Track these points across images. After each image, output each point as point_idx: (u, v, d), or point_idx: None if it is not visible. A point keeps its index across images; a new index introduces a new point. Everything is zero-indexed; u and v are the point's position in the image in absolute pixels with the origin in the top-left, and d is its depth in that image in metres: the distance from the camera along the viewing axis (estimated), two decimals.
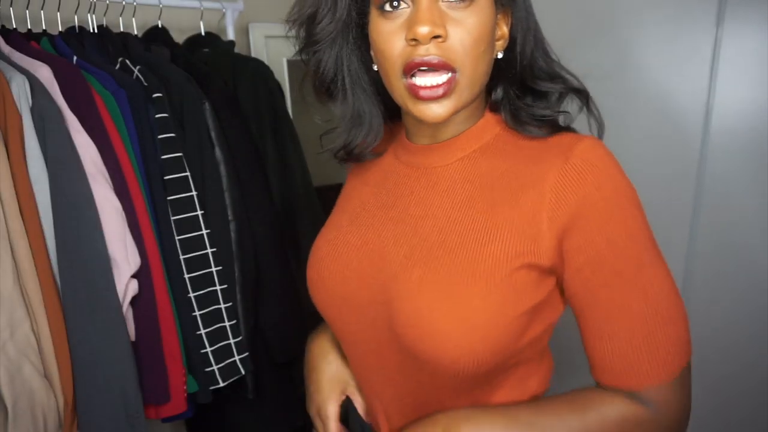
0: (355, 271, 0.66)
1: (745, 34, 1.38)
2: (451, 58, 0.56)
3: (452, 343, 0.56)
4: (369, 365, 0.68)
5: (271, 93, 1.36)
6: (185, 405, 1.12)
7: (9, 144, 0.94)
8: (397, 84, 0.59)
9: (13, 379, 0.90)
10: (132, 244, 1.03)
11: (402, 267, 0.62)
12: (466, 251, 0.59)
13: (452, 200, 0.63)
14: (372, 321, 0.64)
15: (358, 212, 0.72)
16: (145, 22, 1.38)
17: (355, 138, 0.68)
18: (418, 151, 0.68)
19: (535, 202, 0.58)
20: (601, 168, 0.57)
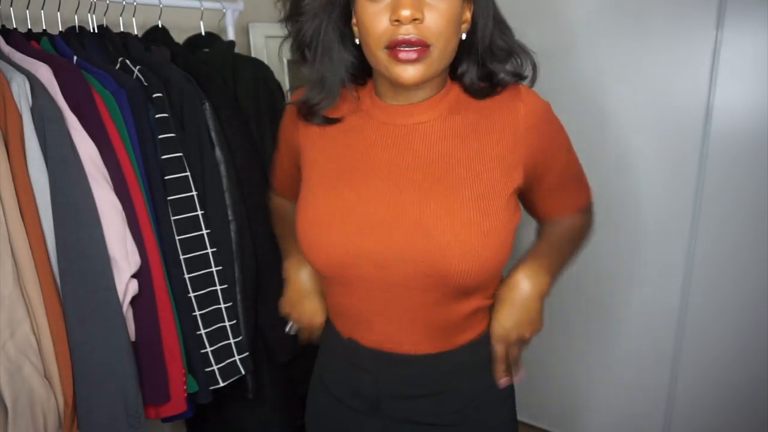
0: (372, 226, 0.75)
1: (745, 35, 1.38)
2: (427, 36, 0.69)
3: (481, 258, 0.72)
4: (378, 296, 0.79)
5: (271, 93, 1.36)
6: (185, 405, 1.12)
7: (9, 144, 0.94)
8: (380, 54, 0.71)
9: (13, 378, 0.90)
10: (132, 244, 1.03)
11: (430, 210, 0.74)
12: (472, 187, 0.75)
13: (443, 149, 0.77)
14: (396, 262, 0.74)
15: (347, 169, 0.80)
16: (145, 22, 1.38)
17: (314, 97, 0.80)
18: (398, 111, 0.80)
19: (514, 140, 0.77)
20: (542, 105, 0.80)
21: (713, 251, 1.54)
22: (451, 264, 0.72)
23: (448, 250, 0.72)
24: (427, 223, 0.73)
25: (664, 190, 1.59)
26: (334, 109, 0.82)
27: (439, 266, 0.73)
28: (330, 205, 0.79)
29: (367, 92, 0.84)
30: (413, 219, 0.74)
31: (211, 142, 1.20)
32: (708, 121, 1.47)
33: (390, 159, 0.78)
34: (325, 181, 0.81)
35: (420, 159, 0.77)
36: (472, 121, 0.79)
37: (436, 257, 0.72)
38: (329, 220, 0.78)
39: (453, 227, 0.73)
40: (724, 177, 1.48)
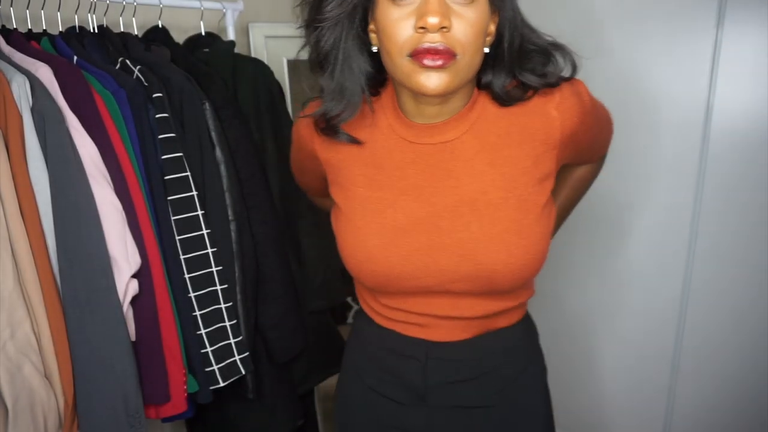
0: (415, 254, 0.77)
1: (745, 34, 1.38)
2: (454, 46, 0.65)
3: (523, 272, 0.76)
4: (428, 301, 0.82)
5: (271, 93, 1.36)
6: (185, 405, 1.12)
7: (9, 144, 0.94)
8: (400, 61, 0.67)
9: (14, 378, 0.90)
10: (132, 243, 1.03)
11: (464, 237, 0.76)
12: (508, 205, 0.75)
13: (475, 167, 0.76)
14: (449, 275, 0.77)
15: (382, 199, 0.80)
16: (145, 22, 1.38)
17: (333, 109, 0.76)
18: (425, 130, 0.77)
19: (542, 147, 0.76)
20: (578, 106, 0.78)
21: (713, 250, 1.54)
22: (496, 281, 0.77)
23: (493, 272, 0.76)
24: (471, 248, 0.76)
25: (663, 190, 1.59)
26: (354, 124, 0.80)
27: (484, 284, 0.77)
28: (371, 235, 0.79)
29: (387, 105, 0.80)
30: (455, 244, 0.76)
31: (211, 142, 1.20)
32: (708, 121, 1.47)
33: (423, 181, 0.78)
34: (365, 211, 0.80)
35: (453, 179, 0.77)
36: (501, 132, 0.77)
37: (482, 277, 0.77)
38: (373, 250, 0.79)
39: (496, 250, 0.75)
40: (724, 176, 1.48)
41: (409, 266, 0.78)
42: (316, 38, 0.74)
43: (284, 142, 1.39)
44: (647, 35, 1.52)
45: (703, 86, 1.46)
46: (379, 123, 0.80)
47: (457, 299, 0.81)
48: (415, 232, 0.77)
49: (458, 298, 0.81)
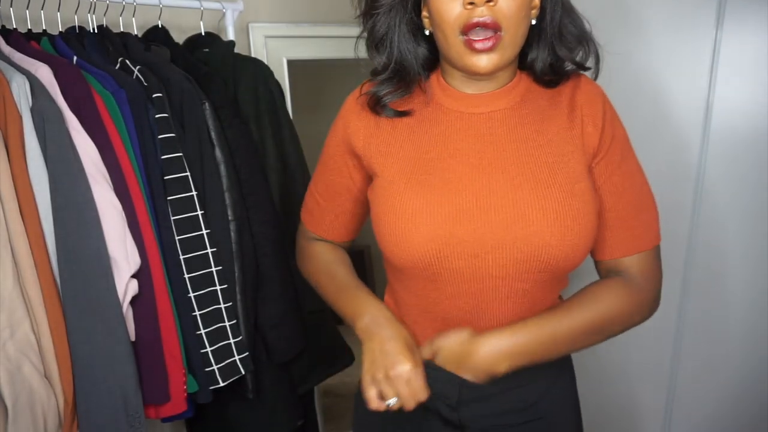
0: (466, 216, 0.75)
1: (745, 34, 1.38)
2: (500, 19, 0.70)
3: (575, 240, 0.74)
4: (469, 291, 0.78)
5: (271, 93, 1.36)
6: (185, 405, 1.12)
7: (9, 144, 0.94)
8: (454, 41, 0.72)
9: (13, 378, 0.90)
10: (132, 244, 1.03)
11: (517, 197, 0.75)
12: (558, 172, 0.76)
13: (522, 135, 0.78)
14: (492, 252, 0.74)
15: (428, 162, 0.79)
16: (145, 22, 1.38)
17: (385, 89, 0.81)
18: (472, 100, 0.80)
19: (582, 122, 0.78)
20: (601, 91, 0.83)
21: (713, 250, 1.54)
22: (551, 247, 0.73)
23: (548, 234, 0.73)
24: (523, 210, 0.74)
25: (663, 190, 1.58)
26: (403, 102, 0.83)
27: (536, 251, 0.73)
28: (417, 194, 0.77)
29: (434, 83, 0.83)
30: (507, 205, 0.74)
31: (211, 142, 1.20)
32: (708, 121, 1.47)
33: (472, 147, 0.78)
34: (405, 173, 0.79)
35: (502, 146, 0.78)
36: (543, 108, 0.80)
37: (534, 242, 0.73)
38: (418, 210, 0.76)
39: (547, 213, 0.73)
40: (724, 176, 1.48)
41: (458, 228, 0.74)
42: (372, 24, 0.79)
43: (284, 142, 1.39)
44: (647, 35, 1.52)
45: (702, 86, 1.46)
46: (429, 100, 0.83)
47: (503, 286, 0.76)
48: (464, 192, 0.76)
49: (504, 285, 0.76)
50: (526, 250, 0.74)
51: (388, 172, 0.81)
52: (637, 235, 0.81)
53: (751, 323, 1.51)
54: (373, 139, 0.84)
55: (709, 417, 1.65)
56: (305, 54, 1.85)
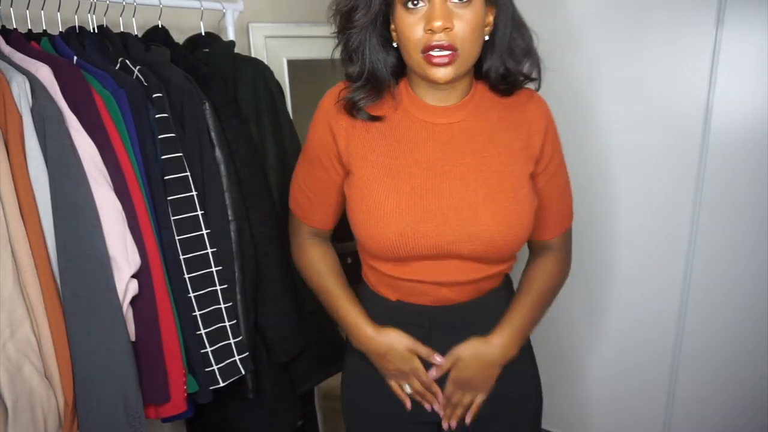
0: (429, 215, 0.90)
1: (745, 35, 1.38)
2: (455, 41, 0.82)
3: (517, 236, 0.91)
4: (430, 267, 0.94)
5: (271, 93, 1.36)
6: (185, 405, 1.12)
7: (9, 144, 0.94)
8: (416, 57, 0.85)
9: (13, 378, 0.90)
10: (132, 244, 1.03)
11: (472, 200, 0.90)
12: (505, 179, 0.91)
13: (477, 145, 0.92)
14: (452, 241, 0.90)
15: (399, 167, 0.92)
16: (145, 22, 1.38)
17: (359, 94, 0.92)
18: (437, 112, 0.93)
19: (529, 136, 0.94)
20: (548, 110, 0.98)
21: (713, 250, 1.54)
22: (497, 242, 0.90)
23: (495, 232, 0.90)
24: (476, 212, 0.90)
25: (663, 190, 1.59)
26: (375, 107, 0.94)
27: (485, 245, 0.90)
28: (388, 197, 0.91)
29: (403, 92, 0.96)
30: (464, 207, 0.90)
31: (211, 142, 1.20)
32: (708, 121, 1.47)
33: (435, 154, 0.92)
34: (379, 175, 0.92)
35: (461, 154, 0.92)
36: (496, 119, 0.94)
37: (484, 238, 0.90)
38: (389, 210, 0.90)
39: (496, 215, 0.90)
40: (724, 176, 1.48)
41: (422, 226, 0.90)
42: (346, 39, 0.91)
43: (284, 142, 1.39)
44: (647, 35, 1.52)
45: (702, 86, 1.46)
46: (398, 106, 0.95)
47: (459, 263, 0.93)
48: (428, 195, 0.90)
49: (460, 263, 0.93)
50: (477, 243, 0.90)
51: (363, 173, 0.94)
52: (561, 220, 1.05)
53: (752, 323, 1.51)
54: (351, 140, 0.95)
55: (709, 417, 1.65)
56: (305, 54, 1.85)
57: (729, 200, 1.49)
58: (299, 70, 1.96)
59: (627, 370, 1.78)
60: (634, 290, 1.70)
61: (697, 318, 1.61)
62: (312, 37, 1.83)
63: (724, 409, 1.62)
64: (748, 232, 1.48)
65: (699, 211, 1.54)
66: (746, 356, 1.55)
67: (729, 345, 1.57)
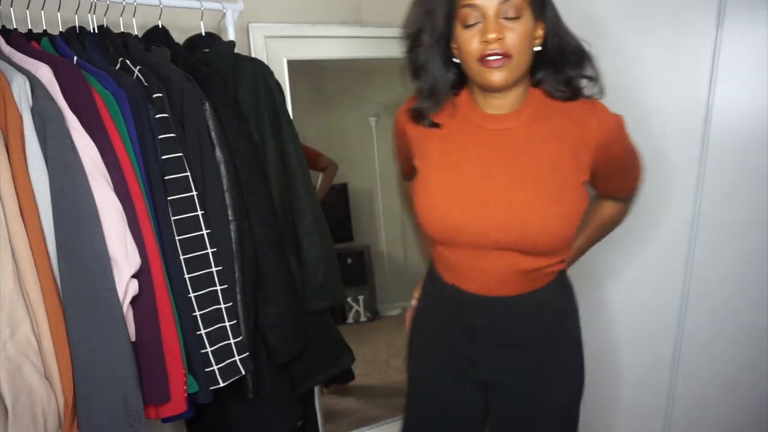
0: (481, 207, 1.01)
1: (745, 35, 1.38)
2: (508, 49, 0.95)
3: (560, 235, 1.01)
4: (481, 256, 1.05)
5: (272, 93, 1.36)
6: (185, 405, 1.12)
7: (9, 144, 0.94)
8: (474, 65, 0.98)
9: (14, 378, 0.90)
10: (132, 244, 1.03)
11: (525, 199, 0.99)
12: (549, 181, 1.00)
13: (526, 150, 1.02)
14: (497, 234, 1.01)
15: (457, 165, 1.06)
16: (145, 22, 1.39)
17: (424, 104, 1.08)
18: (491, 119, 1.05)
19: (581, 146, 1.01)
20: (613, 122, 1.04)
21: (713, 250, 1.54)
22: (532, 236, 0.99)
23: (531, 226, 0.99)
24: (515, 209, 1.00)
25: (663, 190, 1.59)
26: (437, 115, 1.09)
27: (521, 238, 0.99)
28: (443, 190, 1.05)
29: (464, 101, 1.09)
30: (504, 203, 1.00)
31: (211, 142, 1.20)
32: (708, 121, 1.47)
33: (485, 156, 1.04)
34: (438, 171, 1.07)
35: (507, 158, 1.02)
36: (550, 130, 1.02)
37: (521, 231, 0.99)
38: (443, 201, 1.05)
39: (535, 211, 0.99)
40: (724, 176, 1.48)
41: (465, 216, 1.02)
42: (414, 57, 1.05)
43: (284, 142, 1.39)
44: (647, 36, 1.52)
45: (702, 87, 1.46)
46: (457, 113, 1.09)
47: (500, 255, 1.03)
48: (474, 190, 1.02)
49: (501, 253, 1.03)
50: (514, 235, 1.00)
51: (424, 169, 1.10)
52: (625, 187, 1.20)
53: (752, 323, 1.51)
54: (417, 142, 1.13)
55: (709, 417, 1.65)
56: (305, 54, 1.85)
57: (729, 200, 1.49)
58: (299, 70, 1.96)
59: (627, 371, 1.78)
60: (634, 290, 1.70)
61: (697, 318, 1.61)
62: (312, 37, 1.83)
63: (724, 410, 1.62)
64: (748, 231, 1.48)
65: (699, 211, 1.54)
66: (746, 356, 1.55)
67: (729, 345, 1.57)
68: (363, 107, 3.08)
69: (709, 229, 1.53)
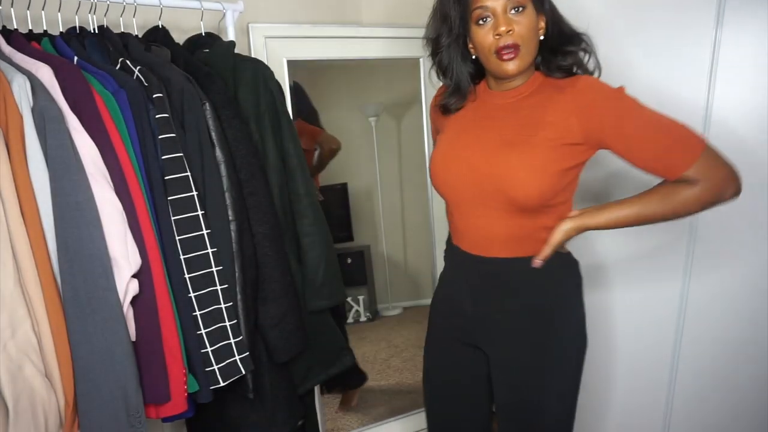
0: (467, 163, 1.16)
1: (745, 35, 1.38)
2: (517, 40, 1.08)
3: (528, 185, 1.09)
4: (474, 213, 1.18)
5: (272, 93, 1.37)
6: (185, 404, 1.12)
7: (10, 144, 0.94)
8: (491, 58, 1.11)
9: (14, 378, 0.90)
10: (132, 243, 1.03)
11: (499, 153, 1.13)
12: (532, 140, 1.11)
13: (518, 119, 1.15)
14: (480, 186, 1.14)
15: (459, 133, 1.22)
16: (145, 22, 1.39)
17: (451, 99, 1.23)
18: (495, 95, 1.20)
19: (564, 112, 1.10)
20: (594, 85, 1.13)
21: (712, 250, 1.54)
22: (512, 190, 1.10)
23: (511, 182, 1.10)
24: (495, 163, 1.12)
25: None
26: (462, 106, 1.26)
27: (506, 192, 1.11)
28: (447, 155, 1.21)
29: (481, 88, 1.24)
30: (488, 163, 1.13)
31: (211, 142, 1.21)
32: (707, 121, 1.47)
33: (483, 124, 1.19)
34: (445, 140, 1.24)
35: (497, 128, 1.16)
36: (538, 100, 1.14)
37: (505, 186, 1.10)
38: (441, 161, 1.21)
39: (515, 169, 1.10)
40: None
41: (457, 173, 1.17)
42: (439, 59, 1.21)
43: (284, 142, 1.39)
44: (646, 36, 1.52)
45: (702, 87, 1.46)
46: (476, 99, 1.24)
47: (490, 212, 1.15)
48: (465, 152, 1.17)
49: (490, 211, 1.15)
50: (500, 191, 1.12)
51: (438, 141, 1.28)
52: (675, 162, 1.07)
53: (752, 323, 1.51)
54: (441, 123, 1.31)
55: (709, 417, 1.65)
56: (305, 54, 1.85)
57: None
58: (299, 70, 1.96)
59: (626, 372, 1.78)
60: (633, 289, 1.70)
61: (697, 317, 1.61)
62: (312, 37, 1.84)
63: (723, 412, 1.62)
64: (748, 231, 1.48)
65: None
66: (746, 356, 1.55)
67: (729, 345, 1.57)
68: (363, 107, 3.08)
69: (709, 228, 1.53)
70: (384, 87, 2.87)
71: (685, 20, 1.46)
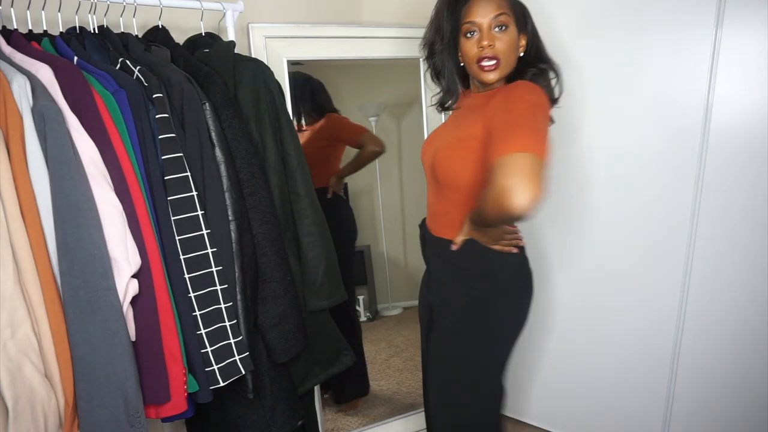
0: (431, 148, 1.36)
1: (744, 35, 1.38)
2: (498, 54, 1.23)
3: (460, 172, 1.24)
4: (432, 194, 1.37)
5: (272, 93, 1.37)
6: (185, 404, 1.12)
7: (10, 144, 0.94)
8: (474, 66, 1.26)
9: (14, 378, 0.90)
10: (132, 244, 1.03)
11: (443, 141, 1.32)
12: (462, 135, 1.26)
13: (461, 119, 1.32)
14: (432, 169, 1.33)
15: (445, 125, 1.42)
16: (145, 22, 1.39)
17: (446, 98, 1.38)
18: (473, 97, 1.35)
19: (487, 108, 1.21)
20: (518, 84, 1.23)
21: (712, 250, 1.54)
22: (436, 163, 1.30)
23: (439, 157, 1.29)
24: (441, 147, 1.30)
25: (663, 189, 1.59)
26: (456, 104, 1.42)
27: (435, 166, 1.30)
28: (428, 141, 1.42)
29: (468, 92, 1.40)
30: (439, 150, 1.30)
31: (211, 142, 1.21)
32: (707, 121, 1.47)
33: (453, 123, 1.36)
34: (435, 131, 1.43)
35: (461, 120, 1.32)
36: (486, 101, 1.26)
37: (439, 165, 1.29)
38: (425, 148, 1.40)
39: (447, 147, 1.28)
40: (724, 176, 1.48)
41: (427, 156, 1.37)
42: (434, 63, 1.37)
43: (284, 142, 1.39)
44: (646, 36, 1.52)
45: (702, 86, 1.47)
46: (464, 99, 1.39)
47: (435, 189, 1.33)
48: (434, 142, 1.36)
49: (436, 188, 1.33)
50: (432, 162, 1.32)
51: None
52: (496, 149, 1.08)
53: (752, 323, 1.51)
54: None
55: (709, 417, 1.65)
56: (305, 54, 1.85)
57: (728, 199, 1.50)
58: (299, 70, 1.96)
59: (627, 372, 1.78)
60: (633, 289, 1.70)
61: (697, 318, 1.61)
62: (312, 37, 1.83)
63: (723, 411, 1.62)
64: (748, 231, 1.48)
65: (698, 211, 1.54)
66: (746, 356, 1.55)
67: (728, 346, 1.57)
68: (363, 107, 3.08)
69: (709, 228, 1.53)
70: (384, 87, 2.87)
71: (685, 20, 1.46)
